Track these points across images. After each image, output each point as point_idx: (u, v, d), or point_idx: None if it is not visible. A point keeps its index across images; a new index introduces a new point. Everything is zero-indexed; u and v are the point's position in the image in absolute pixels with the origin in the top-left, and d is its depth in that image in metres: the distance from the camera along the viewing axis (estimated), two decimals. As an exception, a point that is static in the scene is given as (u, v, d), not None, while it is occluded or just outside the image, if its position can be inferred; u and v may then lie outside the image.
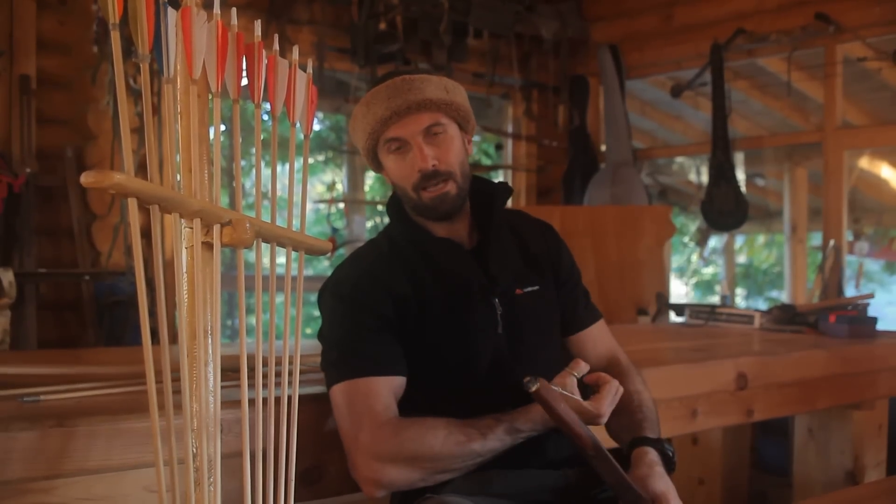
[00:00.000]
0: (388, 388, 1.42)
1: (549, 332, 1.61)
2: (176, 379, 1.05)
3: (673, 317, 4.27)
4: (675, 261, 9.77)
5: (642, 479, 1.36)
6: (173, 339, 1.09)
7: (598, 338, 1.68)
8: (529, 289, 1.57)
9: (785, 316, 3.36)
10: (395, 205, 1.57)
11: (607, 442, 1.63)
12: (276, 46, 1.21)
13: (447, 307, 1.49)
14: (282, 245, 1.27)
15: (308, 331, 8.43)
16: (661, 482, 1.36)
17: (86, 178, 0.95)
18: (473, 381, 1.49)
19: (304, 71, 1.28)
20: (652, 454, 1.42)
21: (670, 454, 1.45)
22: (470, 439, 1.36)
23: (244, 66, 1.17)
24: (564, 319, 1.65)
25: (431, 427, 1.37)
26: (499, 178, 6.41)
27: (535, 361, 1.53)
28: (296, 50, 1.26)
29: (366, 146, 1.51)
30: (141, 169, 3.47)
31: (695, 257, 9.95)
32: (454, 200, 1.49)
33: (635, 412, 1.53)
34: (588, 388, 1.49)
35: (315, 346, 1.59)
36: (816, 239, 5.87)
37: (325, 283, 1.56)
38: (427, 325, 1.48)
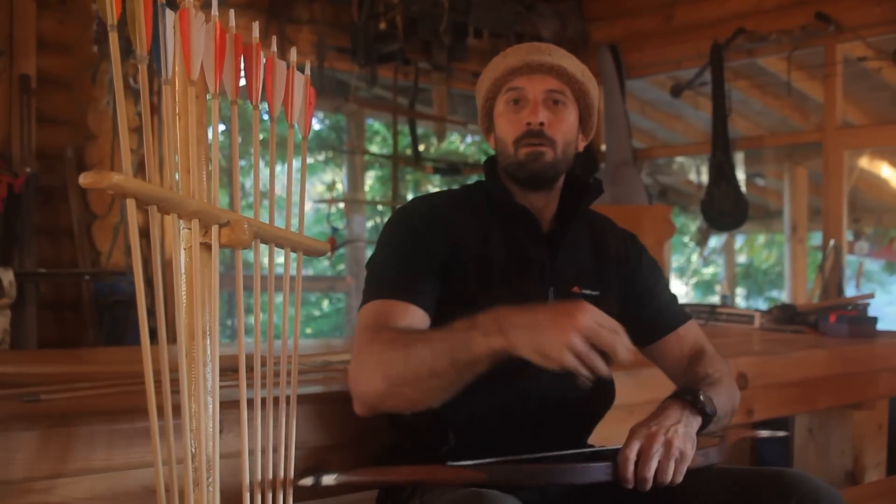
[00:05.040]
0: (412, 315, 1.35)
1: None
2: (175, 379, 1.06)
3: (673, 316, 4.26)
4: (676, 261, 9.78)
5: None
6: (172, 339, 1.09)
7: (682, 339, 1.57)
8: (588, 292, 1.49)
9: (785, 316, 3.36)
10: (491, 163, 1.53)
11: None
12: (275, 48, 1.21)
13: (502, 276, 1.43)
14: (280, 246, 1.27)
15: (308, 331, 8.44)
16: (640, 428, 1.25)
17: (84, 179, 0.95)
18: (500, 372, 1.33)
19: (302, 73, 1.28)
20: (674, 403, 1.31)
21: (701, 400, 1.31)
22: (429, 336, 1.28)
23: (242, 67, 1.17)
24: (644, 329, 1.56)
25: (403, 331, 1.30)
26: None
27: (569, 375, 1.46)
28: (293, 51, 1.26)
29: (486, 95, 1.50)
30: (141, 169, 3.47)
31: (695, 257, 9.96)
32: (546, 166, 1.44)
33: (699, 381, 1.41)
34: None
35: (314, 346, 1.59)
36: (816, 239, 5.87)
37: (396, 210, 1.53)
38: (475, 283, 1.42)
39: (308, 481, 1.21)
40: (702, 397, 1.32)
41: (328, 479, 1.21)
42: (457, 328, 1.21)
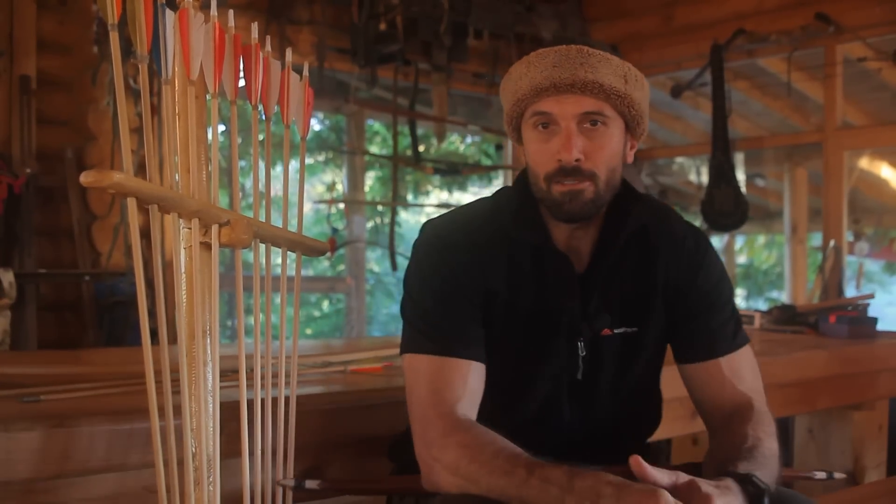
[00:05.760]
0: (472, 374, 1.27)
1: (629, 383, 1.39)
2: (175, 379, 1.06)
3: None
4: (676, 261, 9.74)
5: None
6: (173, 339, 1.09)
7: (720, 371, 1.35)
8: (621, 330, 1.35)
9: (785, 316, 3.36)
10: (524, 186, 1.34)
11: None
12: (269, 48, 1.21)
13: (528, 328, 1.33)
14: (280, 245, 1.27)
15: (308, 331, 8.44)
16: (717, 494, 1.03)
17: (85, 178, 0.95)
18: (517, 418, 1.32)
19: (300, 73, 1.28)
20: (728, 481, 1.08)
21: (762, 488, 1.09)
22: (514, 469, 1.12)
23: (241, 68, 1.17)
24: (681, 347, 1.39)
25: (483, 444, 1.16)
26: (499, 178, 6.41)
27: (600, 414, 1.38)
28: (289, 52, 1.26)
29: (510, 112, 1.30)
30: (141, 169, 3.47)
31: (695, 258, 9.93)
32: (586, 205, 1.25)
33: (740, 452, 1.19)
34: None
35: (313, 346, 1.59)
36: (817, 239, 5.87)
37: (435, 232, 1.35)
38: (501, 333, 1.32)
39: (290, 482, 1.20)
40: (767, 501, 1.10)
41: (311, 484, 1.20)
42: (552, 480, 1.06)
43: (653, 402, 1.47)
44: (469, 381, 1.26)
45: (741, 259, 9.87)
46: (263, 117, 1.22)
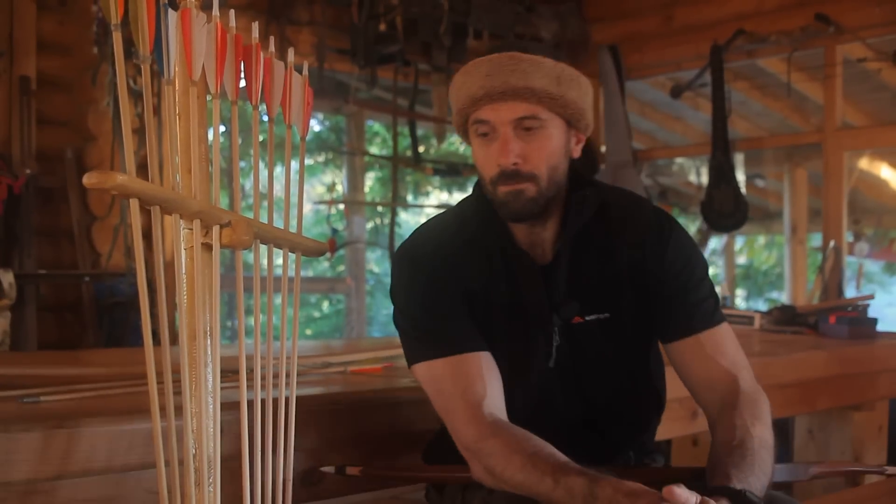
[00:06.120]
0: (484, 365, 1.31)
1: (615, 368, 1.42)
2: (176, 380, 1.06)
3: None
4: (675, 262, 9.73)
5: None
6: (174, 340, 1.09)
7: (700, 347, 1.37)
8: (593, 317, 1.38)
9: (785, 317, 3.36)
10: (482, 189, 1.40)
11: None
12: (273, 48, 1.21)
13: (503, 323, 1.37)
14: (280, 246, 1.27)
15: (308, 332, 8.44)
16: None
17: (88, 179, 0.95)
18: (515, 410, 1.33)
19: (300, 73, 1.28)
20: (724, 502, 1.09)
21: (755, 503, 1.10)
22: (542, 478, 1.17)
23: (242, 68, 1.17)
24: (661, 327, 1.41)
25: (513, 451, 1.22)
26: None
27: (592, 401, 1.42)
28: (291, 52, 1.26)
29: (456, 121, 1.38)
30: (140, 170, 3.47)
31: (695, 258, 9.92)
32: (529, 203, 1.31)
33: (731, 452, 1.21)
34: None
35: (313, 347, 1.59)
36: (816, 240, 5.87)
37: (405, 248, 1.42)
38: (488, 330, 1.36)
39: (330, 469, 1.22)
40: None
41: (352, 470, 1.23)
42: (576, 492, 1.12)
43: (650, 389, 1.49)
44: (485, 372, 1.31)
45: (741, 259, 9.87)
46: (265, 118, 1.22)
